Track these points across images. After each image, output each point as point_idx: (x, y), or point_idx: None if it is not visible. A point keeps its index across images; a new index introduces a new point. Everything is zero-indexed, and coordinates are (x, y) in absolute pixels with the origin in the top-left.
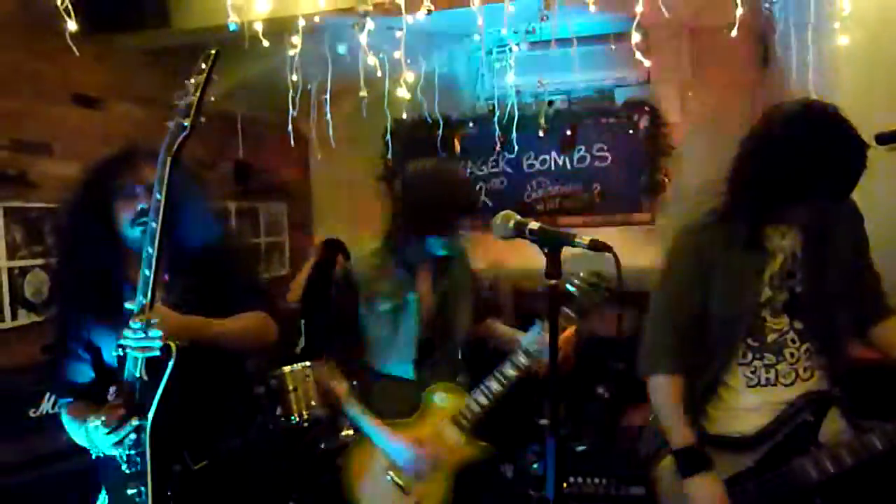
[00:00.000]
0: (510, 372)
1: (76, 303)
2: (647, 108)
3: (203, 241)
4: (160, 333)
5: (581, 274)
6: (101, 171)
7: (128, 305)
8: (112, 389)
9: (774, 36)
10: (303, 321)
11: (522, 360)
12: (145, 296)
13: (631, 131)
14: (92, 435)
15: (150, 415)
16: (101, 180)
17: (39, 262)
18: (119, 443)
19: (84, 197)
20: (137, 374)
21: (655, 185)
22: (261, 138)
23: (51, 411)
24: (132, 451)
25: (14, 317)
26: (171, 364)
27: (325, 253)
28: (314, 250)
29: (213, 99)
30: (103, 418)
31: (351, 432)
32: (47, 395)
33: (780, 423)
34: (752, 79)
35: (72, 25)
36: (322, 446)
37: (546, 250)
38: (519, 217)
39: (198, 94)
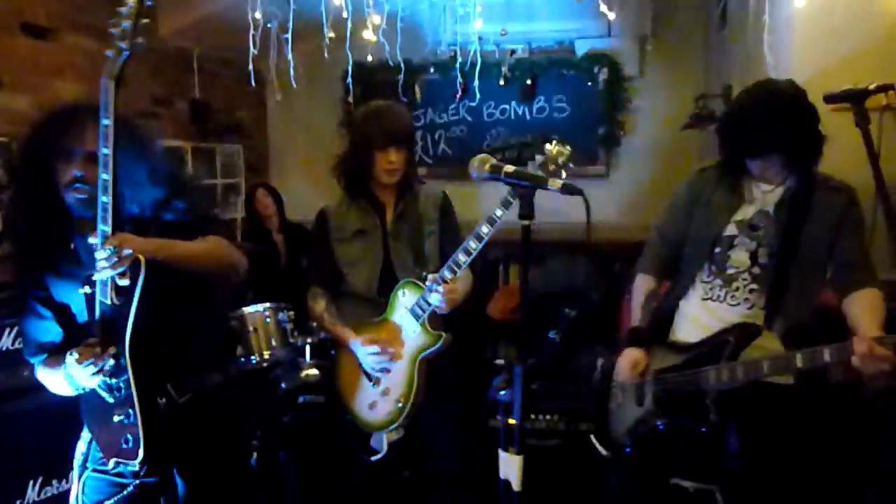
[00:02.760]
0: (472, 244)
1: (28, 259)
2: (606, 62)
3: (152, 185)
4: (130, 251)
5: None
6: (45, 127)
7: (91, 239)
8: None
9: None
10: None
11: (484, 229)
12: (105, 223)
13: (590, 84)
14: (70, 370)
15: (127, 336)
16: (44, 136)
17: None
18: (99, 371)
19: (28, 151)
20: (108, 301)
21: (612, 138)
22: (217, 77)
23: (11, 347)
24: (114, 380)
25: None
26: (141, 276)
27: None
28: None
29: (146, 21)
30: (77, 354)
31: (313, 371)
32: (7, 330)
33: (709, 340)
34: (709, 36)
35: None
36: (283, 386)
37: (519, 192)
38: (494, 160)
39: (132, 16)
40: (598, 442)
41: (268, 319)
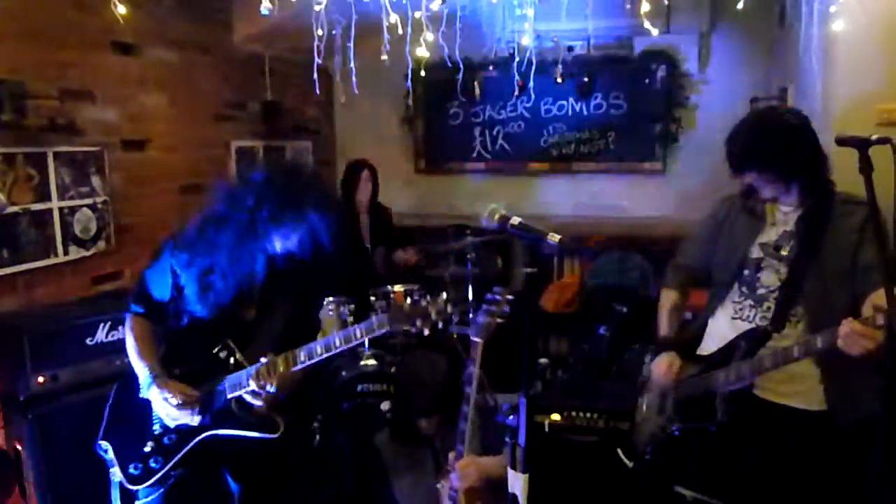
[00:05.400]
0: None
1: (197, 271)
2: (664, 59)
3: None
4: (271, 393)
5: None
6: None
7: (263, 360)
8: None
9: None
10: None
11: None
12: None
13: (647, 81)
14: (153, 395)
15: (222, 432)
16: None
17: (87, 201)
18: (175, 419)
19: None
20: (228, 397)
21: (669, 135)
22: (287, 79)
23: (105, 339)
24: (174, 436)
25: (66, 252)
26: (269, 437)
27: (347, 175)
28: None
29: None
30: (181, 401)
31: (371, 362)
32: (101, 325)
33: (723, 347)
34: (768, 36)
35: None
36: (343, 374)
37: (524, 242)
38: (503, 212)
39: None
40: (624, 454)
41: (330, 313)
